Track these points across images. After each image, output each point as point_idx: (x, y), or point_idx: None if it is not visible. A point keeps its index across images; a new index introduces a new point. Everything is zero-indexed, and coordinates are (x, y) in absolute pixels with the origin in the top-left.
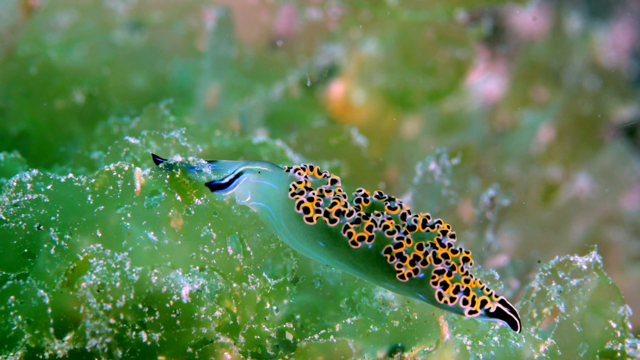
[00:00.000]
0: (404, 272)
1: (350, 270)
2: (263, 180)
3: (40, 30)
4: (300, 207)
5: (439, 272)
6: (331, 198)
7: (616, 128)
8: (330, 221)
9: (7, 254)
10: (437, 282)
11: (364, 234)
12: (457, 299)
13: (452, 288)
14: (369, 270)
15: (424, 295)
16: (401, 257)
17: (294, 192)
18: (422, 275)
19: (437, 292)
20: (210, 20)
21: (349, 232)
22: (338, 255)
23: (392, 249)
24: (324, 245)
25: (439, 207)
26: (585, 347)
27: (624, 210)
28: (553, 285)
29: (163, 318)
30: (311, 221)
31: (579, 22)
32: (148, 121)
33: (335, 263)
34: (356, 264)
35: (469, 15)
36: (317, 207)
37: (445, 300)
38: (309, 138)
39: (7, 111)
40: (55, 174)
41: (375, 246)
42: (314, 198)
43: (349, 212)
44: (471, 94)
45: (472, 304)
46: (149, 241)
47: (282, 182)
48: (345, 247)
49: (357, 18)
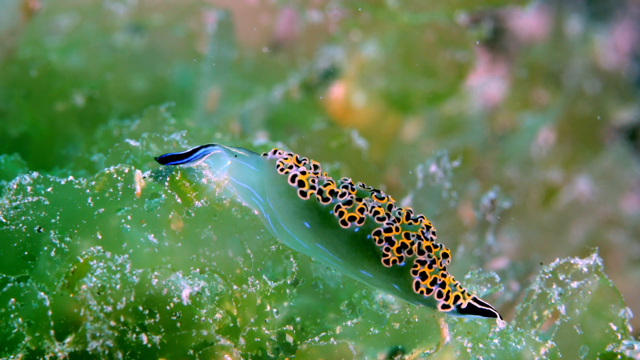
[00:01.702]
0: (389, 258)
1: (329, 256)
2: (242, 161)
3: (41, 33)
4: (296, 180)
5: (421, 262)
6: (325, 179)
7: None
8: (322, 199)
9: (8, 256)
10: (418, 271)
11: (355, 215)
12: (433, 291)
13: (430, 280)
14: (349, 255)
15: (399, 286)
16: (390, 241)
17: (283, 167)
18: (402, 264)
19: (415, 282)
20: (210, 23)
21: (340, 211)
22: (321, 238)
23: (381, 232)
24: (310, 226)
25: (439, 209)
26: (586, 349)
27: (624, 213)
28: (553, 287)
29: (163, 320)
30: (305, 196)
31: (579, 24)
32: (148, 124)
33: (314, 247)
34: (338, 247)
35: (470, 17)
36: (312, 183)
37: (422, 290)
38: (309, 140)
39: (8, 114)
40: (55, 177)
41: (362, 230)
42: (307, 172)
43: (342, 193)
44: (471, 96)
45: (446, 298)
46: (149, 243)
47: (261, 164)
48: (332, 228)
49: (357, 20)
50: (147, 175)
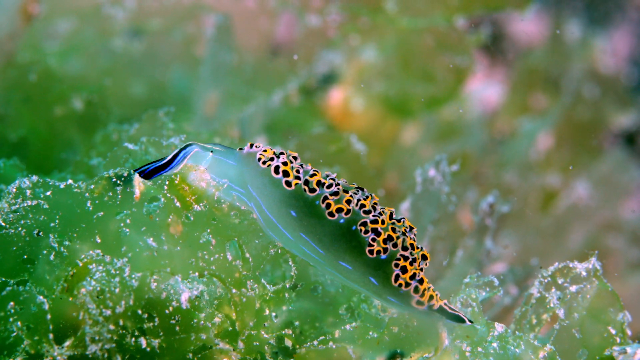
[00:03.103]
0: (375, 248)
1: (311, 247)
2: (219, 156)
3: (40, 38)
4: (280, 170)
5: (404, 257)
6: (311, 169)
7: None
8: (309, 190)
9: (7, 260)
10: (399, 264)
11: (342, 206)
12: (410, 286)
13: (409, 274)
14: (332, 246)
15: (376, 279)
16: (376, 232)
17: (265, 160)
18: (384, 257)
19: (394, 274)
20: (209, 27)
21: (327, 202)
22: (306, 227)
23: (368, 223)
24: (296, 215)
25: (438, 213)
26: (585, 353)
27: (623, 218)
28: (552, 291)
29: (162, 324)
30: (290, 186)
31: (578, 29)
32: (147, 128)
33: (298, 237)
34: (322, 237)
35: (468, 21)
36: (296, 174)
37: (400, 283)
38: (308, 145)
39: (7, 118)
40: (54, 180)
41: (348, 221)
42: (288, 162)
43: (329, 184)
44: (470, 101)
45: (422, 295)
46: (148, 247)
47: (240, 159)
48: (318, 218)
49: (356, 25)
50: (146, 179)
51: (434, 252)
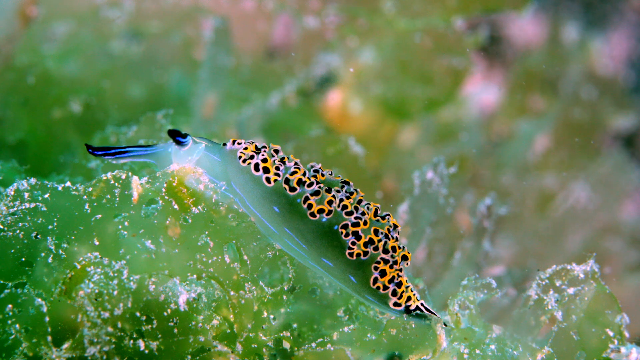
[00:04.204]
0: (354, 251)
1: (295, 242)
2: (209, 152)
3: (38, 40)
4: (260, 168)
5: (384, 260)
6: (292, 166)
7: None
8: (290, 189)
9: (5, 262)
10: (379, 268)
11: (324, 207)
12: (389, 288)
13: (388, 277)
14: (315, 243)
15: (356, 278)
16: (357, 235)
17: (245, 158)
18: (364, 259)
19: (373, 277)
20: (207, 30)
21: (309, 203)
22: (289, 223)
23: (349, 226)
24: (279, 211)
25: (436, 216)
26: (583, 355)
27: (621, 220)
28: (550, 293)
29: (161, 326)
30: (269, 182)
31: (575, 31)
32: (145, 130)
33: (282, 231)
34: (305, 234)
35: (466, 23)
36: (276, 171)
37: (379, 286)
38: (306, 147)
39: (5, 121)
40: (52, 183)
41: (330, 220)
42: (268, 159)
43: (310, 182)
44: (468, 103)
45: (399, 297)
46: (146, 249)
47: (224, 155)
48: (300, 215)
49: (354, 26)
50: (144, 182)
51: (431, 254)
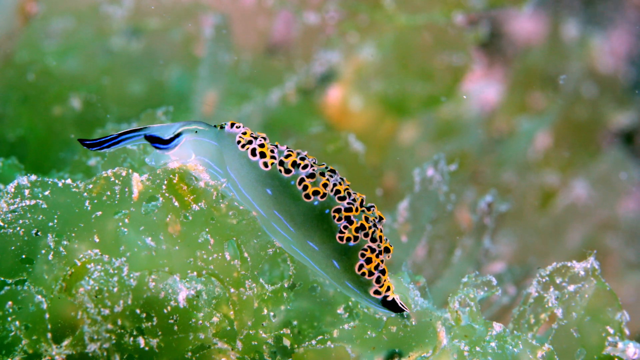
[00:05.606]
0: (345, 235)
1: (283, 225)
2: (202, 137)
3: (38, 37)
4: (257, 152)
5: (371, 248)
6: (285, 150)
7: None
8: (285, 171)
9: (5, 259)
10: (365, 255)
11: (318, 189)
12: (373, 275)
13: (373, 265)
14: (304, 225)
15: (339, 263)
16: (349, 220)
17: (244, 143)
18: (352, 245)
19: (358, 264)
20: (207, 27)
21: (304, 184)
22: (280, 205)
23: (342, 210)
24: (271, 193)
25: (436, 213)
26: (583, 352)
27: (621, 217)
28: (550, 291)
29: (161, 323)
30: (267, 167)
31: (576, 28)
32: None
33: (271, 214)
34: (294, 216)
35: (467, 19)
36: (272, 154)
37: (364, 272)
38: (306, 144)
39: (5, 117)
40: (53, 180)
41: (322, 203)
42: (265, 144)
43: (304, 164)
44: (468, 100)
45: (381, 286)
46: (146, 246)
47: (220, 137)
48: (292, 198)
49: (354, 22)
50: (145, 179)
51: (432, 251)
